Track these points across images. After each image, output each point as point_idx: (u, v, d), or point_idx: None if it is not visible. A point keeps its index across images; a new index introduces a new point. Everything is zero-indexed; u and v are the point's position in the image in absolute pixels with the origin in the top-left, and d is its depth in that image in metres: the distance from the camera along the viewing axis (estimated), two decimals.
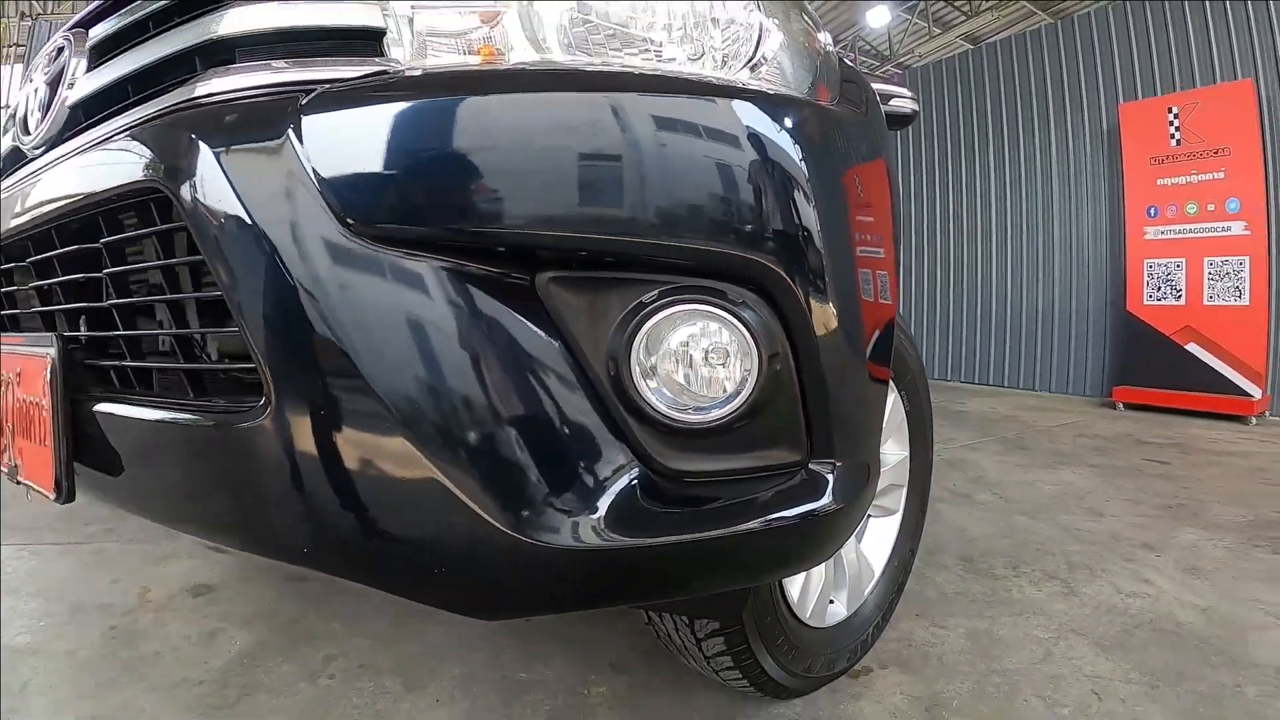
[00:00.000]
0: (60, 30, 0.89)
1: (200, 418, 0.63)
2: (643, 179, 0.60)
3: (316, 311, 0.55)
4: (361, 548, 0.60)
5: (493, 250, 0.58)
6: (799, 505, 0.68)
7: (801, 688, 1.13)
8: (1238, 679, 1.27)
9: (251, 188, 0.56)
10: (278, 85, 0.62)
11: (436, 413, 0.55)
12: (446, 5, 0.64)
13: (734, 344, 0.65)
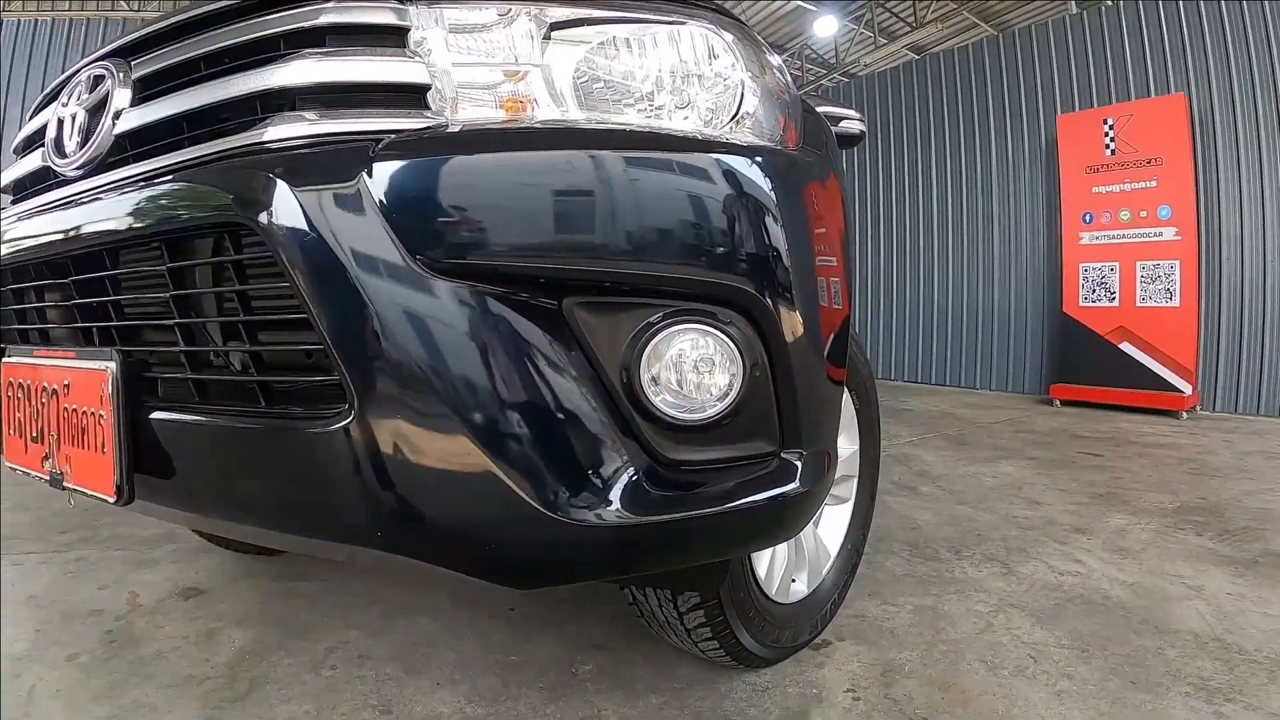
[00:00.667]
0: (96, 57, 0.96)
1: (277, 423, 0.73)
2: (650, 224, 0.74)
3: (391, 331, 0.65)
4: (428, 531, 0.71)
5: (527, 280, 0.70)
6: (773, 488, 0.83)
7: (771, 657, 1.27)
8: (1160, 643, 1.45)
9: (331, 225, 0.66)
10: (340, 134, 0.72)
11: (488, 415, 0.67)
12: (480, 64, 0.76)
13: (723, 355, 0.78)
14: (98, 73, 0.92)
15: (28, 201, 1.05)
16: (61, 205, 0.93)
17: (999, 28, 10.76)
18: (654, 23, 0.83)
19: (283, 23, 0.77)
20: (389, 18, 0.76)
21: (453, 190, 0.69)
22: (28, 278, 1.02)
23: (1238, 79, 4.75)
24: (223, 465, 0.79)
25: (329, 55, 0.74)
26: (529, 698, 1.20)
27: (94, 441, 0.82)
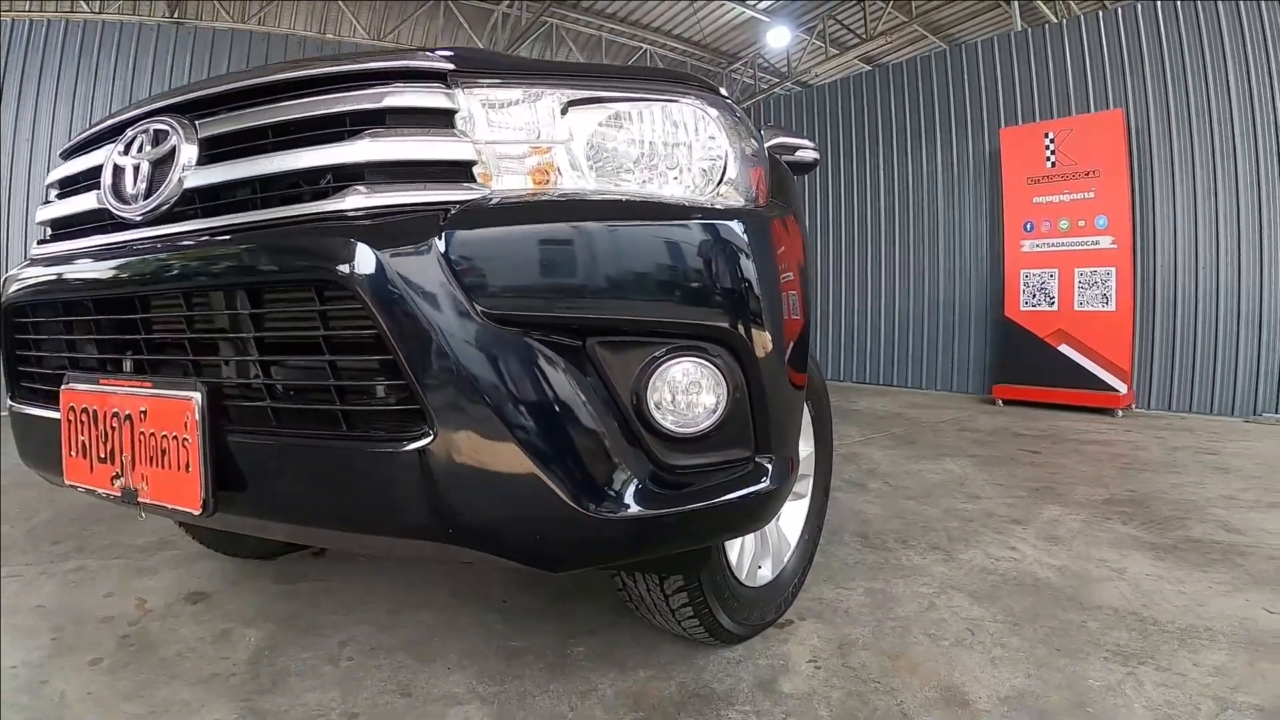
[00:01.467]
0: (153, 110, 1.08)
1: (360, 443, 0.88)
2: (654, 280, 0.93)
3: (463, 367, 0.82)
4: (490, 527, 0.89)
5: (560, 326, 0.88)
6: (750, 486, 1.02)
7: (743, 634, 1.46)
8: (1083, 617, 1.67)
9: (412, 282, 0.82)
10: (406, 205, 0.88)
11: (535, 432, 0.85)
12: (513, 140, 0.94)
13: (711, 381, 0.97)
14: (160, 127, 1.04)
15: (75, 240, 1.17)
16: (134, 249, 1.05)
17: (947, 40, 11.25)
18: (653, 100, 1.02)
19: (349, 102, 0.93)
20: (441, 101, 0.93)
21: (504, 255, 0.87)
22: (86, 311, 1.14)
23: (1172, 96, 5.09)
24: (306, 479, 0.93)
25: (393, 135, 0.91)
26: (532, 676, 1.37)
27: (177, 462, 0.95)
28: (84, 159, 1.21)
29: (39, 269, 1.20)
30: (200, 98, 1.05)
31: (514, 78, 0.97)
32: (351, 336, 0.89)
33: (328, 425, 0.92)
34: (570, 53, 11.42)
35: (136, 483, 1.01)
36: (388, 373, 0.88)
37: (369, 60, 0.96)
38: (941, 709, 1.28)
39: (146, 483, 1.00)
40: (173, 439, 0.95)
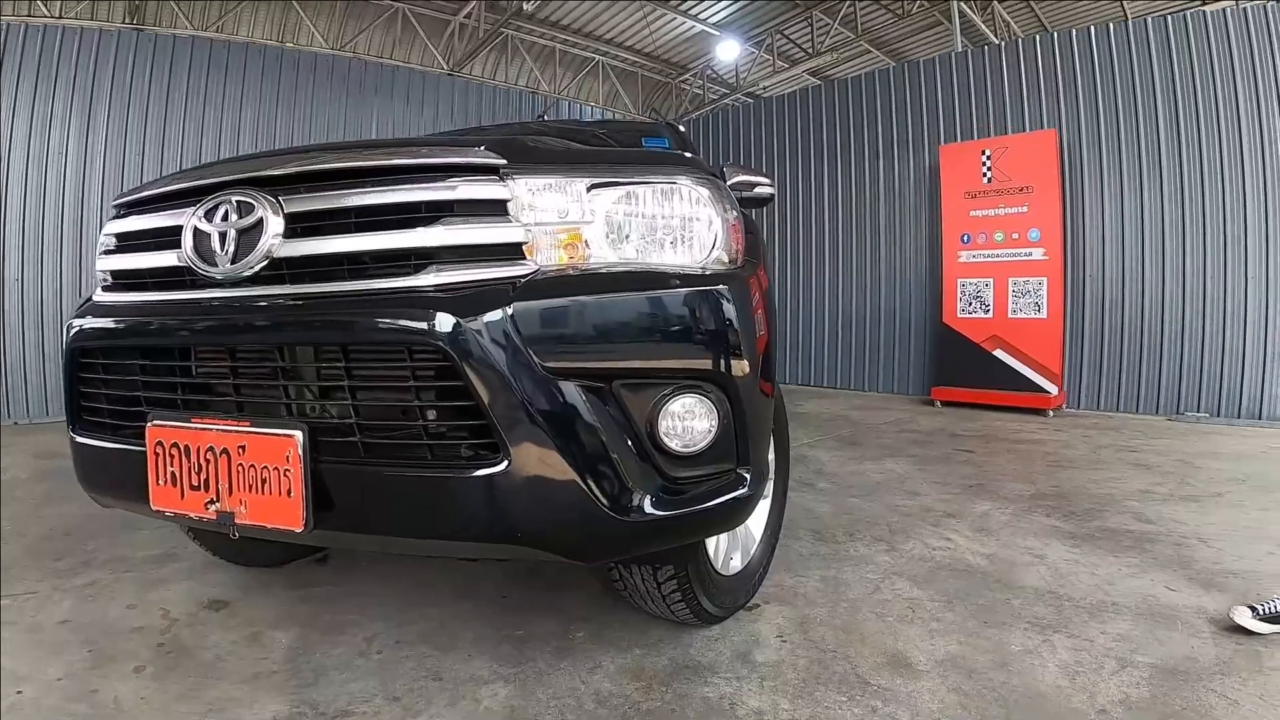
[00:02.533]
0: (233, 180, 1.26)
1: (445, 470, 1.12)
2: (662, 337, 1.20)
3: (529, 407, 1.07)
4: (547, 530, 1.15)
5: (595, 373, 1.14)
6: (733, 491, 1.30)
7: (721, 615, 1.73)
8: (1007, 596, 1.98)
9: (491, 343, 1.07)
10: (474, 281, 1.13)
11: (581, 454, 1.10)
12: (551, 221, 1.19)
13: (706, 411, 1.25)
14: (245, 200, 1.22)
15: (147, 292, 1.35)
16: (224, 307, 1.24)
17: (893, 55, 11.83)
18: (657, 182, 1.29)
19: (424, 193, 1.16)
20: (500, 192, 1.18)
21: (555, 320, 1.13)
22: (172, 356, 1.31)
23: (1102, 117, 5.53)
24: (399, 501, 1.16)
25: (463, 222, 1.16)
26: (543, 658, 1.61)
27: (278, 489, 1.15)
28: (151, 218, 1.38)
29: (109, 316, 1.37)
30: (284, 175, 1.25)
31: (549, 167, 1.24)
32: (440, 386, 1.13)
33: (415, 456, 1.15)
34: (524, 62, 11.61)
35: (234, 507, 1.20)
36: (469, 414, 1.13)
37: (438, 155, 1.21)
38: (889, 671, 1.57)
39: (245, 506, 1.19)
40: (274, 470, 1.16)
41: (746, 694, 1.47)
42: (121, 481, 1.40)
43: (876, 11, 10.15)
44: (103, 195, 5.41)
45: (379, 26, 10.26)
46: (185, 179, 1.38)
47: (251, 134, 6.04)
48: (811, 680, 1.53)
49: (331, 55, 7.13)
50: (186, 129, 5.73)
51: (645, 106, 13.39)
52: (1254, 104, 4.96)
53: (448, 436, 1.17)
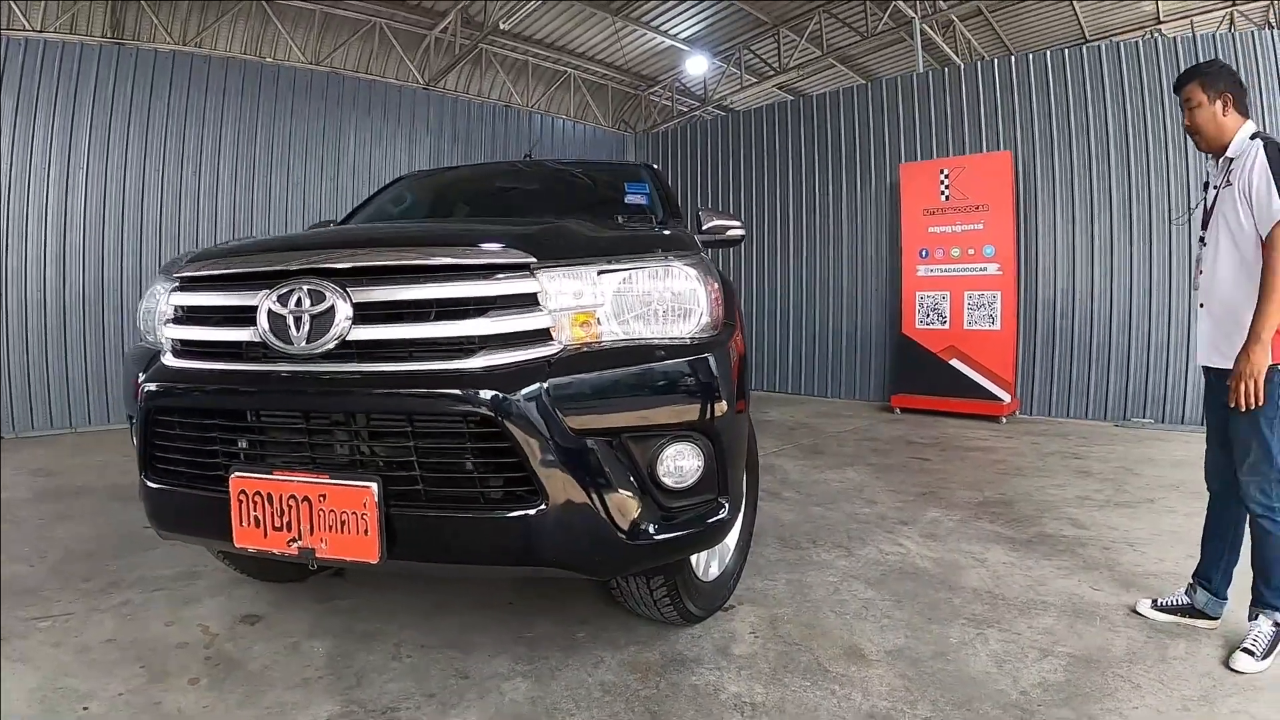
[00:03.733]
0: (302, 269, 1.50)
1: (494, 512, 1.41)
2: (662, 399, 1.51)
3: (563, 460, 1.37)
4: (576, 553, 1.45)
5: (609, 430, 1.43)
6: (715, 515, 1.61)
7: (702, 616, 2.04)
8: (950, 595, 2.31)
9: (533, 411, 1.37)
10: (513, 362, 1.42)
11: (601, 492, 1.40)
12: (570, 306, 1.49)
13: (694, 454, 1.55)
14: (316, 289, 1.47)
15: (225, 362, 1.57)
16: (300, 379, 1.48)
17: (859, 71, 12.30)
18: (653, 266, 1.60)
19: (475, 290, 1.45)
20: (532, 287, 1.48)
21: (579, 390, 1.44)
22: (252, 418, 1.55)
23: (1056, 140, 5.95)
24: (457, 536, 1.45)
25: (504, 314, 1.45)
26: (553, 656, 1.89)
27: (356, 529, 1.41)
28: (221, 296, 1.61)
29: (187, 382, 1.60)
30: (352, 268, 1.51)
31: (569, 260, 1.53)
32: (491, 447, 1.42)
33: (469, 501, 1.45)
34: (498, 75, 11.83)
35: (315, 544, 1.46)
36: (513, 467, 1.42)
37: (483, 256, 1.50)
38: (845, 660, 1.89)
39: (325, 543, 1.45)
40: (352, 514, 1.42)
41: (727, 681, 1.78)
42: (195, 521, 1.66)
43: (842, 30, 10.58)
44: (86, 209, 5.50)
45: (356, 41, 10.40)
46: (250, 262, 1.62)
47: (232, 149, 6.16)
48: (781, 669, 1.84)
49: (310, 70, 7.28)
50: (168, 143, 5.84)
51: (615, 119, 13.68)
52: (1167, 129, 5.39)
53: (495, 485, 1.45)
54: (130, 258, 5.72)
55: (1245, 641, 1.88)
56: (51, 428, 5.40)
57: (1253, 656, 1.83)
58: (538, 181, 3.35)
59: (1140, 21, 10.75)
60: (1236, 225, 1.89)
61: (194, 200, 5.99)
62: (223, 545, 1.61)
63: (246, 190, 6.26)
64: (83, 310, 5.54)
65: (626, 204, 2.75)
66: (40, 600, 2.28)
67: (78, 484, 3.87)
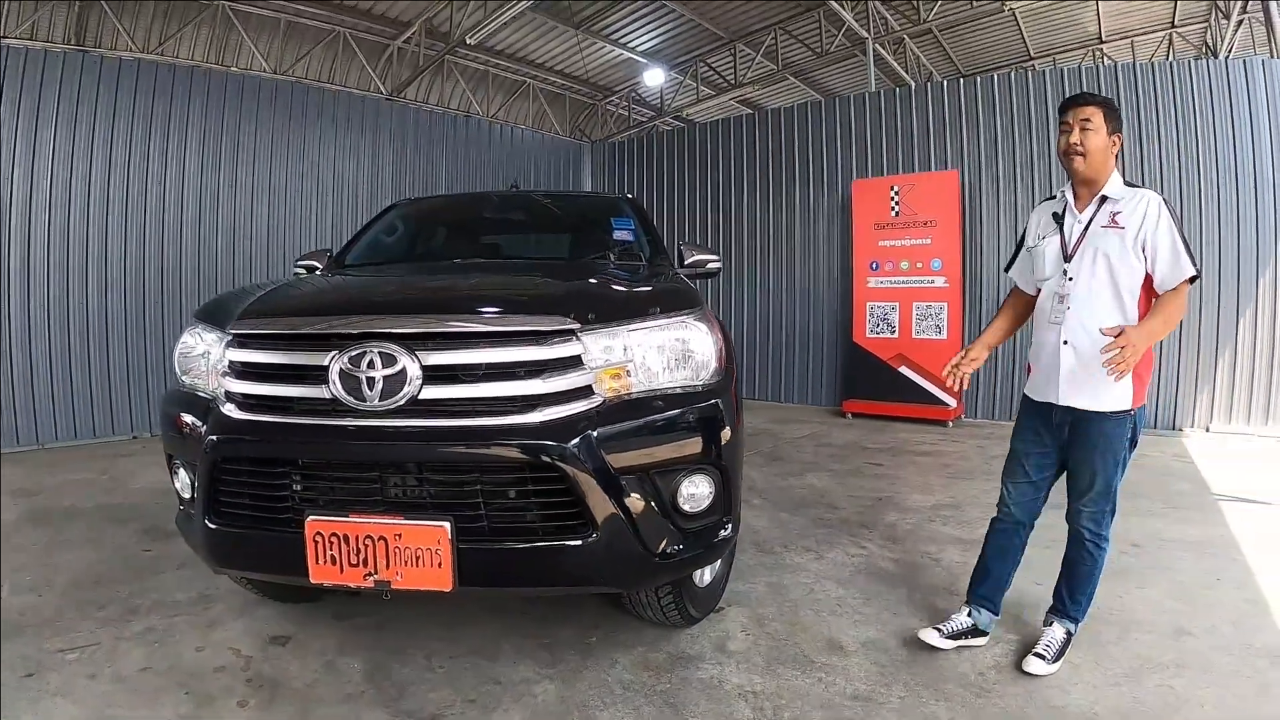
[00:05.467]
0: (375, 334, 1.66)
1: (552, 543, 1.63)
2: (681, 441, 1.77)
3: (607, 497, 1.61)
4: (618, 572, 1.70)
5: (640, 468, 1.69)
6: (721, 533, 1.88)
7: (700, 618, 2.31)
8: (911, 593, 2.62)
9: (585, 457, 1.61)
10: (563, 416, 1.64)
11: (636, 520, 1.66)
12: (605, 362, 1.72)
13: (707, 483, 1.82)
14: (388, 352, 1.65)
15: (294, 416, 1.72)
16: (372, 433, 1.65)
17: (814, 86, 12.75)
18: (673, 323, 1.86)
19: (530, 354, 1.67)
20: (577, 350, 1.70)
21: (618, 436, 1.67)
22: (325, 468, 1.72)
23: (1001, 160, 6.37)
24: (521, 565, 1.68)
25: (557, 374, 1.68)
26: (571, 659, 2.12)
27: (430, 563, 1.61)
28: (287, 356, 1.76)
29: (258, 435, 1.74)
30: (418, 333, 1.69)
31: (604, 322, 1.76)
32: (550, 489, 1.66)
33: (530, 534, 1.67)
34: (458, 84, 11.88)
35: (391, 577, 1.64)
36: (567, 505, 1.65)
37: (536, 324, 1.72)
38: (827, 651, 2.17)
39: (400, 576, 1.64)
40: (427, 550, 1.61)
41: (729, 674, 2.04)
42: (263, 559, 1.84)
43: (798, 46, 10.99)
44: (49, 219, 5.42)
45: (319, 50, 10.33)
46: (316, 324, 1.78)
47: (196, 157, 6.13)
48: (773, 661, 2.12)
49: (274, 79, 7.28)
50: (132, 152, 5.78)
51: (571, 127, 13.85)
52: (1137, 154, 5.85)
53: (552, 520, 1.69)
54: (95, 267, 5.65)
55: (1038, 646, 2.08)
56: (18, 444, 5.31)
57: (1044, 660, 2.02)
58: (527, 214, 3.55)
59: (1083, 41, 11.42)
60: (1124, 269, 1.91)
61: (158, 209, 5.94)
62: (295, 580, 1.76)
63: (211, 199, 6.23)
64: (47, 322, 5.45)
65: (615, 239, 2.97)
66: (60, 631, 2.32)
67: (64, 504, 3.85)
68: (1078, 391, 1.98)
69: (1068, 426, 2.03)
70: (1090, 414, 1.97)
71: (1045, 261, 2.08)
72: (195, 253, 6.16)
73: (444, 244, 3.35)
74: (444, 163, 7.95)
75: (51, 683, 2.01)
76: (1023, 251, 2.23)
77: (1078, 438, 2.00)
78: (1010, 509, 2.19)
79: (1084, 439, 1.99)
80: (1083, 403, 1.98)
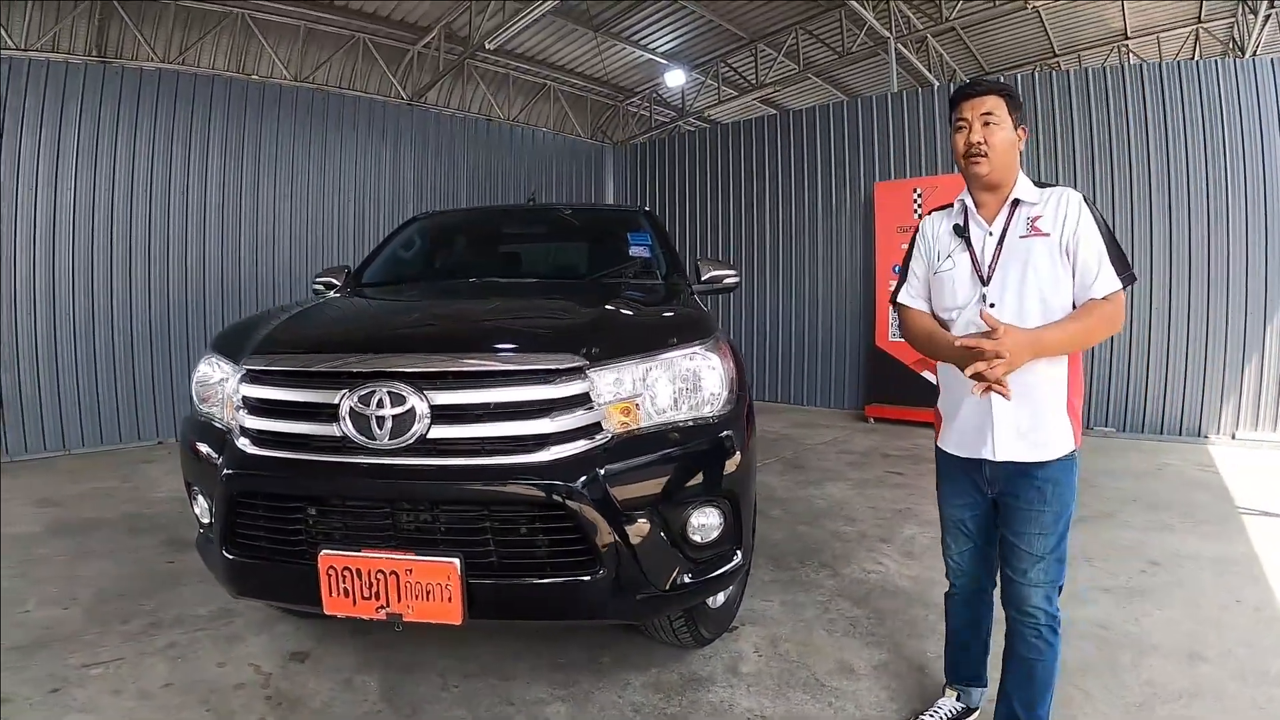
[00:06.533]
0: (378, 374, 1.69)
1: (561, 579, 1.66)
2: (691, 474, 1.79)
3: (613, 533, 1.64)
4: (627, 606, 1.73)
5: (647, 503, 1.71)
6: (731, 563, 1.90)
7: (712, 639, 2.33)
8: (926, 613, 2.60)
9: (591, 496, 1.64)
10: (570, 455, 1.67)
11: (645, 555, 1.69)
12: (615, 398, 1.75)
13: (717, 515, 1.83)
14: (397, 391, 1.68)
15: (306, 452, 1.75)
16: (393, 472, 1.69)
17: (837, 86, 12.68)
18: (681, 356, 1.87)
19: (537, 393, 1.70)
20: (585, 387, 1.73)
21: (626, 472, 1.69)
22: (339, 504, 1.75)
23: (1026, 163, 6.12)
24: (530, 599, 1.71)
25: (564, 413, 1.70)
26: (585, 680, 2.15)
27: (440, 597, 1.64)
28: (298, 393, 1.79)
29: (272, 470, 1.78)
30: (429, 371, 1.72)
31: (612, 356, 1.78)
32: (557, 527, 1.69)
33: (537, 570, 1.70)
34: (478, 87, 11.98)
35: (402, 610, 1.68)
36: (574, 542, 1.68)
37: (544, 363, 1.73)
38: (839, 675, 2.18)
39: (411, 609, 1.68)
40: (437, 584, 1.65)
41: (739, 697, 2.07)
42: (279, 589, 1.90)
43: (818, 46, 10.93)
44: (73, 228, 5.57)
45: (339, 56, 10.47)
46: (324, 360, 1.82)
47: (218, 165, 6.26)
48: (784, 685, 2.13)
49: (295, 87, 7.39)
50: (154, 161, 5.93)
51: (593, 129, 13.89)
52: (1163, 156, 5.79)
53: (560, 557, 1.72)
54: (119, 274, 5.81)
55: None
56: (45, 450, 5.48)
57: None
58: (544, 229, 3.58)
59: (1108, 38, 11.26)
60: (1051, 284, 1.58)
61: (181, 217, 6.08)
62: (310, 610, 1.82)
63: (233, 206, 6.36)
64: (73, 329, 5.62)
65: (631, 255, 3.00)
66: (85, 646, 2.40)
67: (86, 515, 3.93)
68: (1017, 440, 1.63)
69: (1002, 482, 1.68)
70: (1031, 465, 1.63)
71: (955, 286, 1.69)
72: (219, 259, 6.30)
73: (460, 261, 3.40)
74: (465, 167, 8.02)
75: (77, 698, 2.08)
76: (910, 275, 1.82)
77: (1020, 496, 1.65)
78: (964, 579, 1.88)
79: (1028, 495, 1.63)
80: (1024, 453, 1.63)
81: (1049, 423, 1.62)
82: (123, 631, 2.51)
